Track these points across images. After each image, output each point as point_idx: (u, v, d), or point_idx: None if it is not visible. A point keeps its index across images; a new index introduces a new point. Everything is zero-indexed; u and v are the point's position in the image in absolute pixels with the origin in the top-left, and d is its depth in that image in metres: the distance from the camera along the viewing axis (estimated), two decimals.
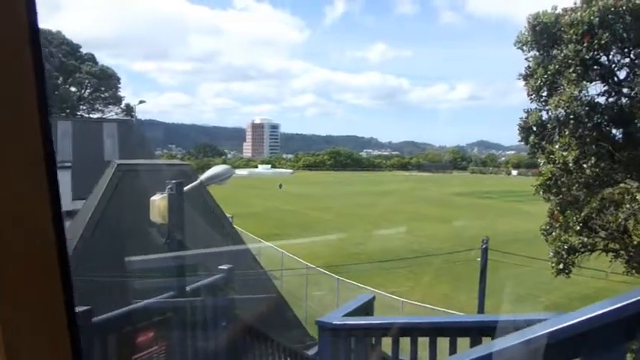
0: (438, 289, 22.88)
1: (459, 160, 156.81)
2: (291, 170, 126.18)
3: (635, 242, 10.69)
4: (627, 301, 2.37)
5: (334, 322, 3.90)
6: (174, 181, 5.68)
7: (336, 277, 20.35)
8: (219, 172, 6.24)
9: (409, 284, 23.04)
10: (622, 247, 11.31)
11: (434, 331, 3.69)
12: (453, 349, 3.61)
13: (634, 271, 10.75)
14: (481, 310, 15.74)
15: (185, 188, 5.89)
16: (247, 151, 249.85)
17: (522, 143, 12.87)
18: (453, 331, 3.65)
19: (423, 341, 3.79)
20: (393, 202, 54.86)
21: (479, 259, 16.89)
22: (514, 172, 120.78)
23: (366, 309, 4.43)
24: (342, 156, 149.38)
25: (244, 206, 43.23)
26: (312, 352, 6.69)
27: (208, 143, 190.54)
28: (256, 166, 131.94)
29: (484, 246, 16.63)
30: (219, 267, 5.84)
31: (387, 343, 3.98)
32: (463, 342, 3.61)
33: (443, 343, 3.73)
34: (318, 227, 37.25)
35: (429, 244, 28.37)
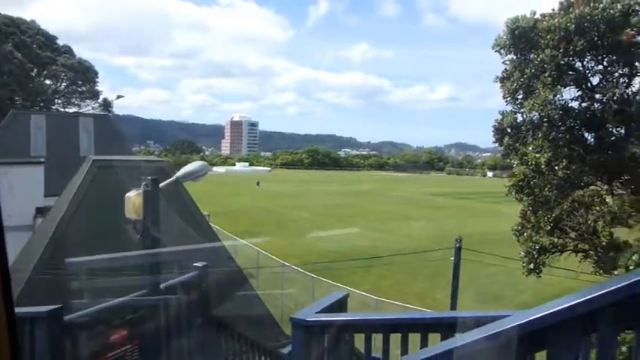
0: (412, 287, 23.12)
1: (436, 161, 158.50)
2: (268, 168, 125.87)
3: (603, 243, 10.99)
4: (588, 296, 2.47)
5: (307, 319, 3.93)
6: (149, 177, 5.64)
7: (312, 275, 20.42)
8: (195, 168, 6.21)
9: (384, 282, 23.23)
10: (591, 248, 11.61)
11: (406, 327, 3.75)
12: (424, 345, 3.67)
13: (602, 271, 11.04)
14: (453, 307, 15.97)
15: (161, 185, 5.85)
16: (225, 148, 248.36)
17: (497, 145, 13.09)
18: (425, 327, 3.72)
19: (395, 338, 3.85)
20: (370, 202, 55.17)
21: (452, 258, 17.12)
22: (489, 174, 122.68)
23: (340, 306, 4.48)
24: (321, 155, 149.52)
25: (221, 204, 42.98)
26: (286, 350, 6.71)
27: (186, 140, 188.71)
28: (234, 164, 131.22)
29: (457, 245, 16.87)
30: (195, 264, 5.81)
31: (360, 339, 4.03)
32: (434, 337, 3.68)
33: (415, 339, 3.79)
34: (295, 226, 37.25)
35: (406, 243, 28.62)
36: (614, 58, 11.08)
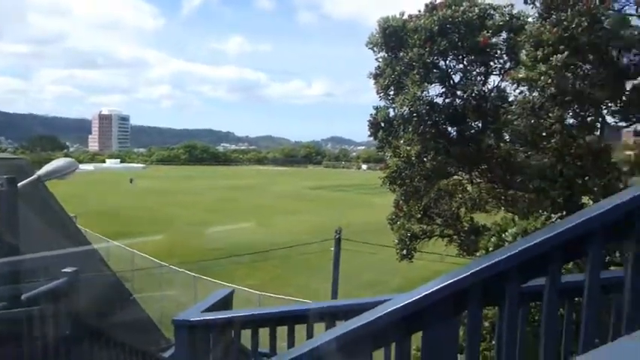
0: (295, 280, 23.50)
1: (313, 155, 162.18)
2: (143, 165, 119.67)
3: (465, 228, 12.08)
4: (456, 277, 2.67)
5: (191, 319, 3.80)
6: (4, 177, 5.04)
7: (193, 274, 19.83)
8: (61, 165, 5.67)
9: (267, 277, 23.32)
10: (455, 233, 12.68)
11: (291, 319, 3.78)
12: (310, 335, 3.73)
13: (465, 253, 12.11)
14: (335, 296, 16.53)
15: (19, 184, 5.26)
16: (93, 144, 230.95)
17: (372, 139, 13.71)
18: (309, 317, 3.78)
19: (282, 331, 3.87)
20: (249, 196, 54.96)
21: (332, 248, 17.69)
22: (364, 167, 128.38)
23: (225, 304, 4.39)
24: (199, 150, 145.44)
25: (90, 204, 40.01)
26: (168, 353, 6.43)
27: (47, 135, 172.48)
28: (104, 161, 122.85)
29: (337, 236, 17.45)
30: (63, 270, 5.33)
31: (246, 336, 3.99)
32: (319, 327, 3.76)
33: (301, 331, 3.84)
34: (174, 224, 35.91)
35: (288, 237, 28.93)
36: (473, 58, 12.15)
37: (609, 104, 10.43)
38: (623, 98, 9.74)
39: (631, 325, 2.63)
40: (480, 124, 11.94)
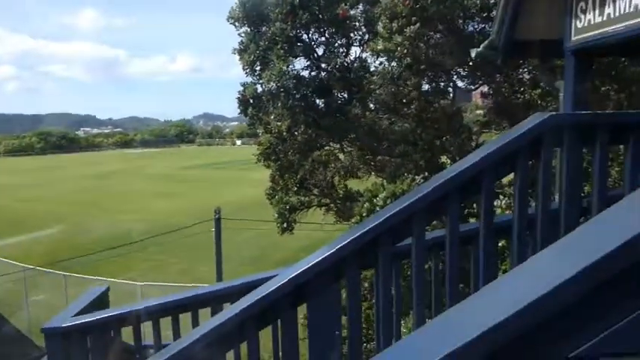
0: (176, 265, 22.85)
1: (185, 134, 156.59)
2: None
3: (340, 195, 12.58)
4: (332, 249, 2.81)
5: (64, 325, 3.54)
6: None
7: (63, 273, 18.33)
8: None
9: (146, 266, 22.38)
10: (331, 201, 13.17)
11: (173, 309, 3.70)
12: (195, 323, 3.68)
13: (342, 220, 12.66)
14: (220, 278, 16.39)
15: None
16: None
17: (243, 115, 13.59)
18: (193, 304, 3.72)
19: (166, 321, 3.77)
20: (119, 183, 51.79)
21: (213, 229, 17.43)
22: (239, 142, 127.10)
23: (101, 302, 4.15)
24: (55, 137, 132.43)
25: None
26: None
27: None
28: None
29: (217, 216, 17.21)
30: None
31: (128, 333, 3.82)
32: (205, 313, 3.72)
33: (186, 319, 3.77)
34: (32, 221, 32.70)
35: (164, 222, 27.89)
36: (334, 30, 12.46)
37: (458, 70, 11.39)
38: (470, 64, 10.68)
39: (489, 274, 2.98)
40: (345, 95, 12.37)
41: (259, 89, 12.54)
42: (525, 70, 10.58)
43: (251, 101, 12.56)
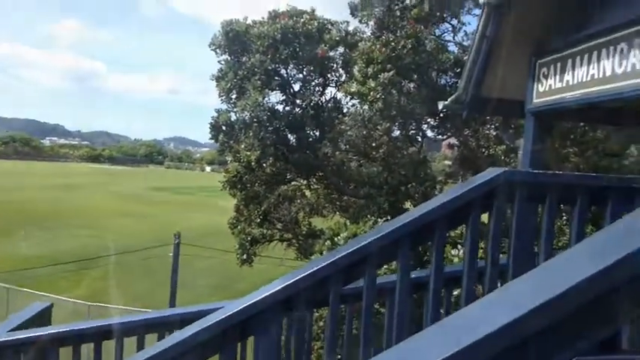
0: (131, 287, 22.14)
1: (155, 155, 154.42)
2: None
3: (303, 232, 12.58)
4: (281, 285, 2.81)
5: None
6: None
7: (6, 286, 17.52)
8: None
9: (100, 286, 21.62)
10: (294, 236, 13.14)
11: (120, 332, 3.60)
12: (140, 348, 3.59)
13: (302, 256, 12.61)
14: (173, 304, 15.98)
15: None
16: None
17: (214, 141, 13.59)
18: (140, 329, 3.64)
19: (109, 345, 3.66)
20: (81, 197, 50.43)
21: (171, 254, 17.10)
22: (208, 169, 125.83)
23: (42, 319, 4.00)
24: (18, 142, 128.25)
25: None
26: None
27: None
28: None
29: (177, 241, 16.91)
30: None
31: (67, 353, 3.69)
32: (152, 338, 3.63)
33: (132, 344, 3.67)
34: None
35: (124, 242, 27.14)
36: (312, 68, 12.73)
37: (429, 120, 11.73)
38: (440, 115, 11.02)
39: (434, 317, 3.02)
40: (317, 133, 12.55)
41: (233, 117, 12.64)
42: (492, 126, 10.98)
43: (223, 128, 12.62)
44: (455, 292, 4.26)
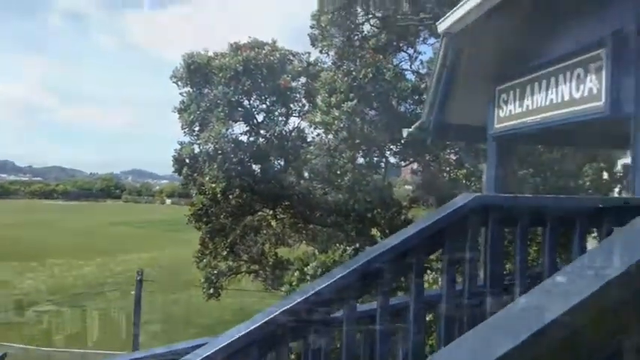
0: (90, 329, 21.20)
1: (112, 189, 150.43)
2: None
3: (270, 263, 12.43)
4: (257, 323, 2.74)
5: None
6: None
7: None
8: None
9: (54, 330, 20.62)
10: (261, 268, 12.96)
11: None
12: None
13: (270, 287, 12.42)
14: (136, 344, 15.36)
15: None
16: None
17: (177, 174, 13.39)
18: None
19: None
20: (35, 236, 48.40)
21: (134, 292, 16.53)
22: (168, 201, 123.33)
23: None
24: None
25: None
26: None
27: None
28: None
29: (139, 278, 16.39)
30: None
31: None
32: None
33: None
34: None
35: (82, 281, 26.13)
36: (275, 99, 12.81)
37: (391, 146, 11.93)
38: (402, 141, 11.23)
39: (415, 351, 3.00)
40: (282, 163, 12.56)
41: (196, 149, 12.50)
42: (452, 151, 11.25)
43: (187, 161, 12.48)
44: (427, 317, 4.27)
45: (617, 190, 8.92)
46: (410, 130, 5.84)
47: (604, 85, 3.55)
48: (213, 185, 11.70)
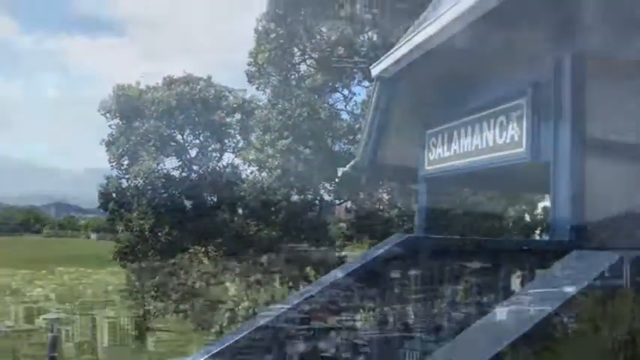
0: None
1: (32, 222, 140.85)
2: None
3: (200, 302, 11.93)
4: None
5: None
6: None
7: None
8: None
9: None
10: (190, 308, 12.40)
11: None
12: None
13: (201, 327, 11.89)
14: None
15: None
16: None
17: (103, 209, 12.79)
18: None
19: None
20: None
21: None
22: (93, 236, 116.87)
23: None
24: None
25: None
26: None
27: None
28: None
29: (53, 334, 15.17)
30: None
31: None
32: None
33: None
34: None
35: None
36: (209, 134, 12.64)
37: (326, 184, 12.01)
38: (336, 180, 11.34)
39: None
40: (215, 199, 12.30)
41: (124, 184, 12.02)
42: (384, 190, 11.48)
43: (114, 195, 11.95)
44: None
45: (537, 231, 9.39)
46: (344, 169, 5.89)
47: (525, 133, 3.73)
48: (142, 222, 11.23)
